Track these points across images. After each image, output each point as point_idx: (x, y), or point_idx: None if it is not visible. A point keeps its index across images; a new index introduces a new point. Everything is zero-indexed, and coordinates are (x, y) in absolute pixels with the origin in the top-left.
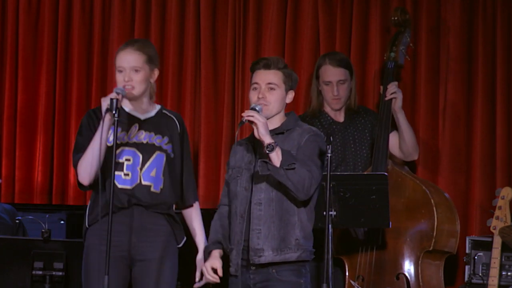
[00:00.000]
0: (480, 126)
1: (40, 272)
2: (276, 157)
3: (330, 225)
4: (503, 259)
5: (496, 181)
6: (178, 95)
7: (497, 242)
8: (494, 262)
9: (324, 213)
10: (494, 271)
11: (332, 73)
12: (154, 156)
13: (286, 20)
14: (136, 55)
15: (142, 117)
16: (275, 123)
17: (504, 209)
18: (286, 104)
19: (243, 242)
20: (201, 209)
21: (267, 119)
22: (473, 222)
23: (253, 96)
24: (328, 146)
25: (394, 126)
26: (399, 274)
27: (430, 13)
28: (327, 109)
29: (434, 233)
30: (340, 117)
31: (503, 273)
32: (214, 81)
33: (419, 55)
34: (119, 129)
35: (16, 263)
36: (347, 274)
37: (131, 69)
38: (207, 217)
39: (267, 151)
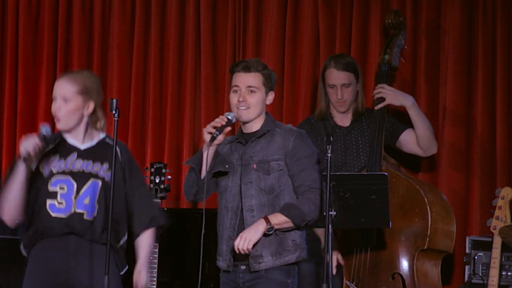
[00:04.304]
0: (480, 126)
1: None
2: (281, 224)
3: (330, 225)
4: (503, 259)
5: (496, 181)
6: (178, 95)
7: (497, 242)
8: (494, 262)
9: (324, 213)
10: (494, 271)
11: (336, 77)
12: (88, 183)
13: (286, 20)
14: (68, 84)
15: (82, 146)
16: (257, 125)
17: (504, 209)
18: (267, 105)
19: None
20: (201, 209)
21: (248, 122)
22: (473, 222)
23: (233, 99)
24: (328, 146)
25: (410, 123)
26: (395, 274)
27: (430, 13)
28: (333, 112)
29: (428, 232)
30: (346, 121)
31: (503, 273)
32: (214, 81)
33: (419, 55)
34: (56, 157)
35: (16, 263)
36: (344, 275)
37: (61, 98)
38: (207, 216)
39: (270, 233)
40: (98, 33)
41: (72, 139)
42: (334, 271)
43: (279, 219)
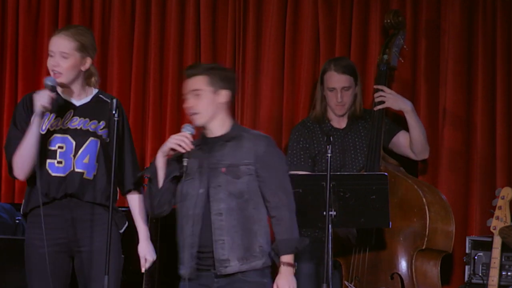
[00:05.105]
0: (480, 126)
1: None
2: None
3: (330, 225)
4: (503, 259)
5: (496, 181)
6: (178, 95)
7: (497, 242)
8: (494, 262)
9: (324, 213)
10: (494, 271)
11: (336, 80)
12: (87, 142)
13: (286, 20)
14: (66, 40)
15: (77, 103)
16: (218, 127)
17: (504, 209)
18: (222, 104)
19: (197, 245)
20: None
21: (207, 125)
22: (473, 222)
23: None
24: (328, 146)
25: (405, 127)
26: (394, 274)
27: (430, 13)
28: (330, 114)
29: (427, 232)
30: (342, 123)
31: (503, 273)
32: None
33: (419, 56)
34: (53, 116)
35: (16, 263)
36: (343, 275)
37: (59, 54)
38: None
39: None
40: (98, 33)
41: (66, 95)
42: None
43: (291, 256)
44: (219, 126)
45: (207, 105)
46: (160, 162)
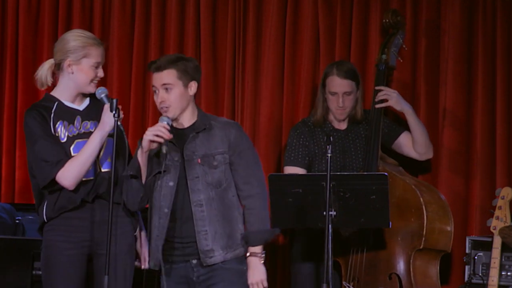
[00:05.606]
0: (480, 126)
1: (40, 272)
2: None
3: (330, 225)
4: (503, 259)
5: (496, 181)
6: None
7: (497, 242)
8: (494, 262)
9: (324, 213)
10: (494, 271)
11: (338, 84)
12: (105, 142)
13: (286, 20)
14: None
15: (80, 107)
16: (188, 118)
17: (504, 209)
18: (192, 96)
19: (164, 236)
20: None
21: (176, 118)
22: (473, 222)
23: (155, 100)
24: (328, 146)
25: (407, 127)
26: (392, 274)
27: (430, 13)
28: (331, 117)
29: (424, 232)
30: (343, 125)
31: (503, 273)
32: (214, 81)
33: (419, 56)
34: (66, 123)
35: (16, 263)
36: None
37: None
38: None
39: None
40: (98, 33)
41: (69, 103)
42: None
43: (260, 247)
44: (188, 117)
45: (179, 99)
46: (142, 158)
